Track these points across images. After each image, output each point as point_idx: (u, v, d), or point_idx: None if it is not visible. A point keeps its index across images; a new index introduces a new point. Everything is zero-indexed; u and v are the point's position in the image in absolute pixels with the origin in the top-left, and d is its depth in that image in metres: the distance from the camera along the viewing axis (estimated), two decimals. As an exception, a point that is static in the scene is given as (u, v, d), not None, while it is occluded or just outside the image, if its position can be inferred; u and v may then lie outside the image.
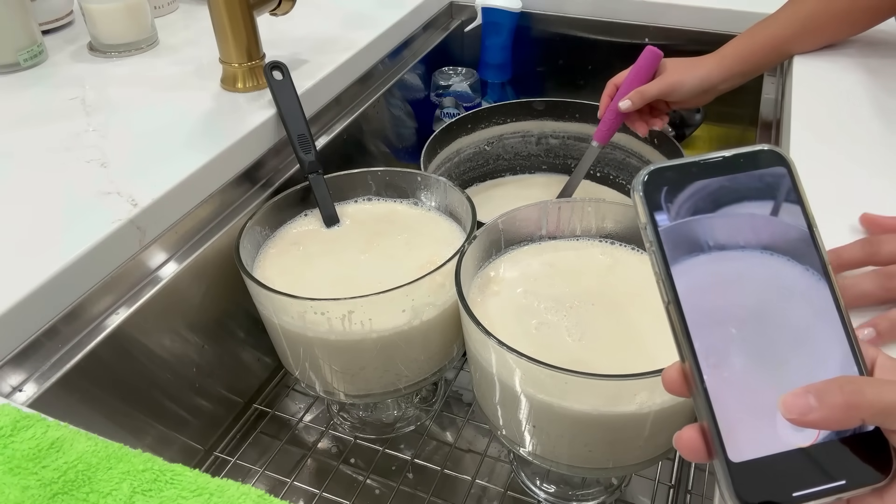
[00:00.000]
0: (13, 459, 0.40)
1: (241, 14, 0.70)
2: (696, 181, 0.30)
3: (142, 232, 0.58)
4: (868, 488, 0.28)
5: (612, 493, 0.67)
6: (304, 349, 0.60)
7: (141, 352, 0.59)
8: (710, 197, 0.30)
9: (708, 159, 0.30)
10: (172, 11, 0.96)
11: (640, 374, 0.44)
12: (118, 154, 0.64)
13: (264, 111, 0.71)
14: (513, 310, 0.56)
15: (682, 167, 0.30)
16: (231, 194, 0.67)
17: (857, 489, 0.28)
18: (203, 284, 0.64)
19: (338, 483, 0.69)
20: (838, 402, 0.27)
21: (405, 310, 0.57)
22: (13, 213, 0.57)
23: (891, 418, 0.27)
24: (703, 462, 0.29)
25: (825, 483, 0.27)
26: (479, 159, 0.92)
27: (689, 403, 0.30)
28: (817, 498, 0.27)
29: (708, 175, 0.30)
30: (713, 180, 0.30)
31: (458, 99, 1.01)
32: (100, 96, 0.74)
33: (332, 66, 0.80)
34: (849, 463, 0.28)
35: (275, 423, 0.74)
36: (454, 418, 0.75)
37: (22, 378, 0.50)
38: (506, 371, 0.49)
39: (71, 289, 0.53)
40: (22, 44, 0.79)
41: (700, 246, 0.29)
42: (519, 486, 0.67)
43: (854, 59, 0.79)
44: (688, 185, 0.30)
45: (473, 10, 1.05)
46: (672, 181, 0.30)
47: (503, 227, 0.60)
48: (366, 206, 0.71)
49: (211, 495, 0.38)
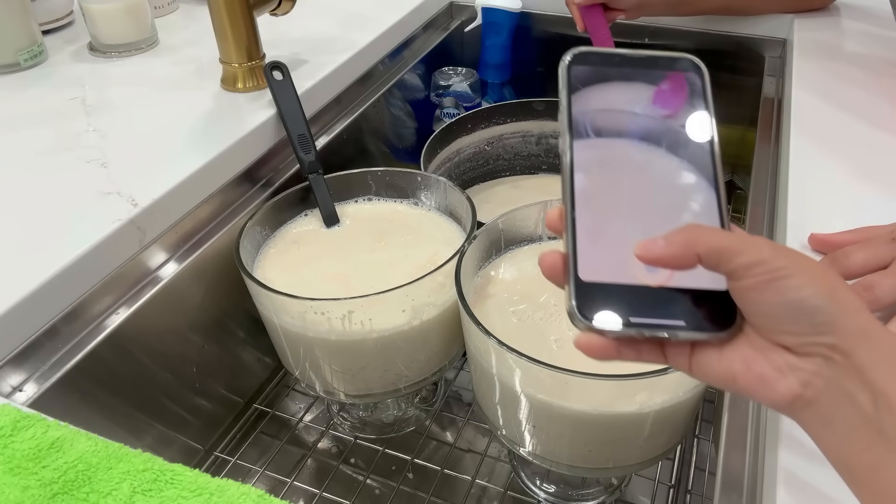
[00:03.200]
0: (13, 459, 0.40)
1: (241, 14, 0.70)
2: (617, 70, 0.35)
3: (142, 232, 0.58)
4: (706, 335, 0.30)
5: (612, 493, 0.67)
6: (304, 349, 0.60)
7: (141, 352, 0.59)
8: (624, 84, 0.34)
9: (632, 54, 0.35)
10: (172, 11, 0.96)
11: (640, 374, 0.44)
12: (118, 154, 0.64)
13: (264, 111, 0.71)
14: (513, 310, 0.56)
15: (606, 55, 0.35)
16: (231, 194, 0.67)
17: (694, 333, 0.30)
18: (203, 284, 0.64)
19: (338, 483, 0.69)
20: (679, 239, 0.29)
21: (405, 310, 0.57)
22: (13, 212, 0.57)
23: (722, 258, 0.29)
24: (557, 284, 0.32)
25: (664, 319, 0.30)
26: (479, 159, 0.92)
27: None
28: (653, 330, 0.30)
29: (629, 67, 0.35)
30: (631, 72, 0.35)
31: (458, 99, 1.01)
32: (100, 96, 0.74)
33: (332, 66, 0.80)
34: (692, 310, 0.30)
35: (275, 423, 0.74)
36: (454, 418, 0.75)
37: (22, 378, 0.50)
38: (506, 371, 0.49)
39: (71, 289, 0.53)
40: (22, 44, 0.79)
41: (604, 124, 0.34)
42: (519, 486, 0.67)
43: (854, 58, 0.79)
44: (608, 70, 0.34)
45: (473, 10, 1.04)
46: (595, 64, 0.34)
47: (503, 227, 0.60)
48: (366, 206, 0.71)
49: (211, 495, 0.38)
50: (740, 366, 0.30)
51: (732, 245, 0.29)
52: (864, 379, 0.27)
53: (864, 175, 0.60)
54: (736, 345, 0.30)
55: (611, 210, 0.32)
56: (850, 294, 0.29)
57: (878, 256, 0.45)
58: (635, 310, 0.30)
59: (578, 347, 0.31)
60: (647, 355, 0.31)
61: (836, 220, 0.52)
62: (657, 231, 0.30)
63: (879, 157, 0.62)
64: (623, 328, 0.30)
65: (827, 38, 0.85)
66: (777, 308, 0.28)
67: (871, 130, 0.66)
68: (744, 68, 0.96)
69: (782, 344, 0.29)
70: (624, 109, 0.34)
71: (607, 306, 0.30)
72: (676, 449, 0.67)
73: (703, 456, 0.69)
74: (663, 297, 0.31)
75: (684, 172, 0.33)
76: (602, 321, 0.30)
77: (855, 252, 0.46)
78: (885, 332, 0.28)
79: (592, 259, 0.31)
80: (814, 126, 0.67)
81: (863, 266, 0.45)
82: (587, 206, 0.32)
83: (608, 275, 0.31)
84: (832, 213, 0.54)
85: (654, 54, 0.35)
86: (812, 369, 0.28)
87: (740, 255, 0.28)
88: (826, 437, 0.29)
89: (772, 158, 0.73)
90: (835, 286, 0.28)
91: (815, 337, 0.28)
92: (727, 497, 0.43)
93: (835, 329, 0.28)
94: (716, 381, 0.31)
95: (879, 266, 0.45)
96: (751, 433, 0.46)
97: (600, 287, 0.31)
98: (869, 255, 0.46)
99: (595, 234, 0.32)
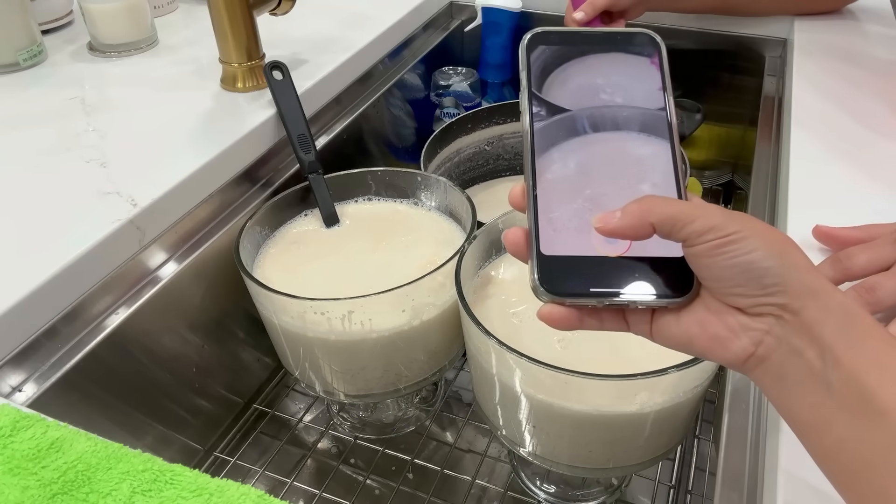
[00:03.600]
0: (13, 460, 0.40)
1: (240, 14, 0.70)
2: (576, 48, 0.36)
3: (141, 232, 0.58)
4: (665, 301, 0.31)
5: (612, 493, 0.67)
6: (303, 349, 0.60)
7: (141, 352, 0.59)
8: (583, 61, 0.36)
9: (589, 31, 0.36)
10: (172, 11, 0.96)
11: (640, 374, 0.44)
12: (118, 154, 0.64)
13: (264, 111, 0.70)
14: (513, 311, 0.56)
15: (565, 34, 0.36)
16: (231, 194, 0.67)
17: (653, 300, 0.31)
18: (203, 284, 0.64)
19: (338, 483, 0.69)
20: (633, 210, 0.30)
21: (405, 310, 0.57)
22: (13, 213, 0.57)
23: (675, 226, 0.30)
24: (521, 259, 0.33)
25: (623, 288, 0.31)
26: (479, 159, 0.92)
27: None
28: (612, 298, 0.31)
29: (587, 44, 0.36)
30: (590, 49, 0.36)
31: (458, 99, 1.01)
32: (99, 96, 0.74)
33: (332, 66, 0.80)
34: (650, 277, 0.32)
35: (275, 424, 0.74)
36: (454, 418, 0.74)
37: (22, 378, 0.50)
38: (506, 371, 0.49)
39: (71, 289, 0.53)
40: (21, 44, 0.79)
41: (563, 102, 0.35)
42: (519, 487, 0.67)
43: (855, 58, 0.79)
44: (568, 49, 0.36)
45: (473, 10, 1.04)
46: (555, 43, 0.36)
47: (503, 227, 0.60)
48: (366, 206, 0.71)
49: (211, 495, 0.38)
50: (696, 328, 0.31)
51: (684, 213, 0.30)
52: (813, 335, 0.28)
53: (864, 175, 0.60)
54: (692, 309, 0.31)
55: (571, 185, 0.34)
56: (799, 254, 0.30)
57: (880, 258, 0.45)
58: (596, 280, 0.31)
59: (541, 319, 0.32)
60: (610, 324, 0.33)
61: (837, 220, 0.52)
62: (616, 204, 0.31)
63: (880, 157, 0.62)
64: (584, 298, 0.31)
65: (828, 37, 0.85)
66: (728, 271, 0.29)
67: (871, 130, 0.66)
68: (744, 68, 0.96)
69: (735, 305, 0.30)
70: (583, 86, 0.35)
71: (569, 278, 0.31)
72: (677, 449, 0.67)
73: (703, 456, 0.69)
74: (622, 266, 0.32)
75: (643, 145, 0.34)
76: (564, 292, 0.31)
77: (858, 253, 0.46)
78: (834, 291, 0.29)
79: (553, 233, 0.32)
80: (814, 126, 0.67)
81: (865, 267, 0.45)
82: (547, 182, 0.33)
83: (569, 248, 0.32)
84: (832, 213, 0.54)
85: (612, 30, 0.36)
86: (763, 328, 0.29)
87: (692, 222, 0.29)
88: (778, 393, 0.30)
89: (772, 158, 0.73)
90: (784, 248, 0.29)
91: (766, 298, 0.29)
92: (727, 497, 0.43)
93: (784, 289, 0.29)
94: (674, 344, 0.32)
95: (882, 267, 0.45)
96: (751, 433, 0.46)
97: (561, 260, 0.32)
98: (872, 257, 0.45)
99: (555, 208, 0.33)
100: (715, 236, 0.29)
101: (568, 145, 0.34)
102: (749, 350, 0.30)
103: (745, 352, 0.30)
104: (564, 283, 0.31)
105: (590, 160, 0.34)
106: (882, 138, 0.65)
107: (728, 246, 0.29)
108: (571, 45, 0.36)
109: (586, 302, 0.31)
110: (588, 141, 0.34)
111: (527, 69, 0.35)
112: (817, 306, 0.28)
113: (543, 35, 0.36)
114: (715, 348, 0.31)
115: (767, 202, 0.67)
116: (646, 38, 0.36)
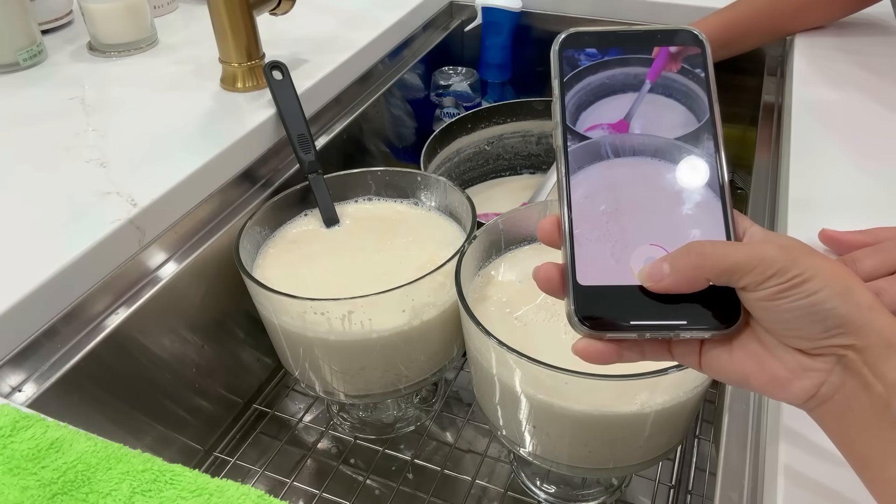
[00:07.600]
0: (13, 460, 0.40)
1: (240, 14, 0.70)
2: (613, 49, 0.33)
3: (141, 232, 0.58)
4: (709, 333, 0.30)
5: (612, 493, 0.67)
6: (303, 349, 0.60)
7: (141, 352, 0.59)
8: (618, 68, 0.33)
9: (626, 31, 0.33)
10: (172, 11, 0.96)
11: (640, 374, 0.43)
12: (118, 154, 0.64)
13: (264, 111, 0.70)
14: (513, 310, 0.56)
15: (601, 34, 0.33)
16: (231, 194, 0.67)
17: (697, 331, 0.30)
18: (203, 284, 0.64)
19: (338, 483, 0.69)
20: (684, 265, 0.29)
21: (405, 310, 0.57)
22: (13, 212, 0.57)
23: (733, 277, 0.28)
24: (554, 295, 0.31)
25: (664, 318, 0.29)
26: (479, 159, 0.92)
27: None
28: (655, 330, 0.30)
29: (625, 44, 0.32)
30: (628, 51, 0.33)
31: (458, 99, 1.01)
32: (99, 96, 0.74)
33: (332, 65, 0.80)
34: (694, 307, 0.30)
35: (275, 424, 0.74)
36: (454, 418, 0.74)
37: (21, 378, 0.50)
38: (506, 371, 0.49)
39: (70, 289, 0.53)
40: (21, 43, 0.79)
41: (599, 117, 0.33)
42: (519, 487, 0.67)
43: (855, 59, 0.79)
44: (604, 52, 0.33)
45: (473, 9, 1.04)
46: (590, 46, 0.33)
47: (503, 227, 0.60)
48: (366, 206, 0.71)
49: (210, 496, 0.38)
50: (753, 366, 0.30)
51: (741, 263, 0.28)
52: (878, 373, 0.27)
53: (864, 175, 0.60)
54: (745, 342, 0.30)
55: (608, 212, 0.32)
56: (862, 290, 0.28)
57: (886, 263, 0.45)
58: (635, 311, 0.30)
59: (577, 353, 0.31)
60: (652, 355, 0.31)
61: (837, 221, 0.52)
62: (656, 232, 0.30)
63: (880, 157, 0.62)
64: (624, 331, 0.30)
65: (828, 38, 0.85)
66: (789, 314, 0.28)
67: (871, 131, 0.66)
68: (744, 68, 0.96)
69: (795, 347, 0.29)
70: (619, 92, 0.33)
71: (607, 309, 0.30)
72: (677, 449, 0.67)
73: (703, 456, 0.69)
74: (663, 296, 0.30)
75: (686, 169, 0.32)
76: (602, 325, 0.30)
77: (864, 258, 0.46)
78: None
79: (590, 262, 0.30)
80: (814, 126, 0.67)
81: (871, 272, 0.45)
82: (584, 210, 0.31)
83: (606, 277, 0.30)
84: (832, 214, 0.54)
85: (651, 29, 0.33)
86: (825, 368, 0.28)
87: (751, 271, 0.28)
88: (839, 430, 0.29)
89: (772, 158, 0.73)
90: (847, 285, 0.28)
91: (828, 340, 0.28)
92: (727, 497, 0.43)
93: (847, 330, 0.28)
94: (728, 380, 0.31)
95: (888, 272, 0.45)
96: (751, 433, 0.46)
97: (599, 290, 0.30)
98: (878, 262, 0.45)
99: (592, 237, 0.31)
100: (776, 283, 0.28)
101: (604, 171, 0.32)
102: (810, 391, 0.29)
103: (806, 393, 0.29)
104: (604, 313, 0.30)
105: (628, 183, 0.32)
106: (882, 138, 0.65)
107: (790, 290, 0.28)
108: (609, 46, 0.33)
109: (626, 336, 0.30)
110: (626, 162, 0.32)
111: (559, 77, 0.32)
112: (881, 343, 0.28)
113: (576, 36, 0.33)
114: (774, 389, 0.29)
115: (767, 202, 0.67)
116: (689, 36, 0.33)
